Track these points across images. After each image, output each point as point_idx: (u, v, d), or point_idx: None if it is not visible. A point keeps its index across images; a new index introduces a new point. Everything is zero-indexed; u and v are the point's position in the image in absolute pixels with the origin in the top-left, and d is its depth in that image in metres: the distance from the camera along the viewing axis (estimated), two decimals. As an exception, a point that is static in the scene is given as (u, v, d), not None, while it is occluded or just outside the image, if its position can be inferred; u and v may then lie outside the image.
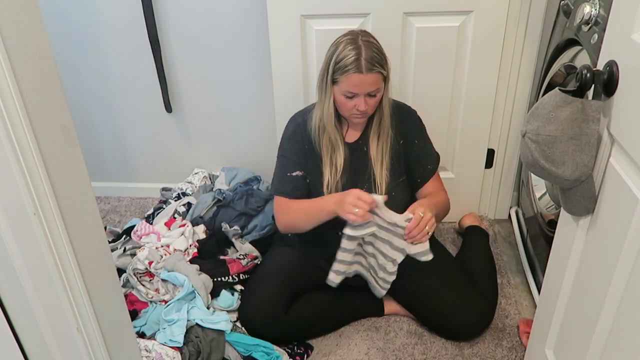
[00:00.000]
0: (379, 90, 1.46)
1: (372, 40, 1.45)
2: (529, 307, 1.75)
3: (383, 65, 1.44)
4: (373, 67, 1.41)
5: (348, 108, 1.48)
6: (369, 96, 1.45)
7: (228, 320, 1.57)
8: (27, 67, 0.81)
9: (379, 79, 1.44)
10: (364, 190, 1.55)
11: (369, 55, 1.41)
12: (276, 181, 1.64)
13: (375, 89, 1.44)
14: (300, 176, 1.60)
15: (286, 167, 1.61)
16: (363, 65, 1.40)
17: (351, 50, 1.41)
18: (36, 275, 0.88)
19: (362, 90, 1.43)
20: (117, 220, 2.27)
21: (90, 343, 1.01)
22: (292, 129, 1.61)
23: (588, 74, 0.94)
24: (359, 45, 1.41)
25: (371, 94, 1.45)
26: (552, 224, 1.51)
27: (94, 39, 2.05)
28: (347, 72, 1.41)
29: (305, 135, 1.58)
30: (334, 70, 1.44)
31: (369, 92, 1.44)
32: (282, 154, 1.63)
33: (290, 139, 1.61)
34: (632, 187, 0.89)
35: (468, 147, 1.98)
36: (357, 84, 1.42)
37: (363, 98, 1.44)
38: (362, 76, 1.41)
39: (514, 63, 1.84)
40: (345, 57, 1.41)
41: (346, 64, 1.41)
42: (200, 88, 2.12)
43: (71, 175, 0.93)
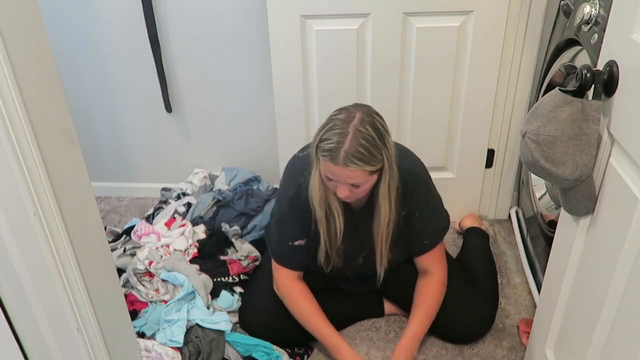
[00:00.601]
0: (363, 182, 1.29)
1: (366, 131, 1.24)
2: (529, 307, 1.75)
3: (368, 162, 1.24)
4: (350, 163, 1.23)
5: (330, 188, 1.35)
6: (353, 186, 1.29)
7: (228, 320, 1.57)
8: (27, 67, 0.81)
9: (361, 175, 1.26)
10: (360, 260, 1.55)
11: (351, 149, 1.22)
12: (275, 247, 1.53)
13: (356, 182, 1.28)
14: (302, 246, 1.49)
15: (286, 233, 1.49)
16: (340, 157, 1.23)
17: (336, 134, 1.24)
18: (36, 275, 0.88)
19: (340, 179, 1.28)
20: (117, 220, 2.27)
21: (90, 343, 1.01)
22: (293, 192, 1.45)
23: (588, 74, 0.94)
24: (346, 133, 1.23)
25: (354, 185, 1.29)
26: (552, 224, 1.51)
27: (94, 39, 2.05)
28: (324, 157, 1.26)
29: (307, 202, 1.43)
30: (317, 147, 1.28)
31: (348, 182, 1.28)
32: (282, 215, 1.49)
33: (290, 202, 1.46)
34: (632, 187, 0.89)
35: (468, 147, 1.98)
36: (333, 173, 1.27)
37: (343, 185, 1.29)
38: (337, 168, 1.25)
39: (514, 63, 1.84)
40: (326, 139, 1.25)
41: (324, 149, 1.25)
42: (200, 88, 2.12)
43: (71, 175, 0.93)
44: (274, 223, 1.53)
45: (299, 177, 1.44)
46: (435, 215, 1.54)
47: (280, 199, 1.51)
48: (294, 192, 1.45)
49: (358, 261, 1.57)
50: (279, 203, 1.51)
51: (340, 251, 1.49)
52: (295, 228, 1.48)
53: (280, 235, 1.51)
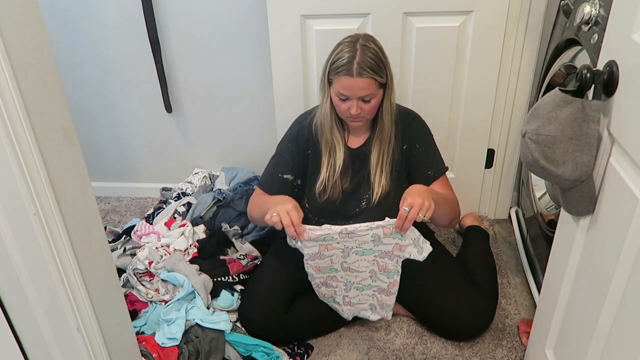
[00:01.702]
0: (373, 96, 1.43)
1: (371, 45, 1.42)
2: (529, 307, 1.75)
3: (377, 71, 1.40)
4: (363, 72, 1.38)
5: (342, 110, 1.47)
6: (363, 101, 1.43)
7: (228, 320, 1.57)
8: (27, 67, 0.81)
9: (372, 85, 1.40)
10: (365, 197, 1.58)
11: (362, 59, 1.38)
12: (265, 176, 1.65)
13: (368, 94, 1.41)
14: (289, 180, 1.61)
15: (279, 166, 1.61)
16: (354, 68, 1.38)
17: (346, 52, 1.40)
18: (36, 275, 0.88)
19: (353, 94, 1.41)
20: (117, 220, 2.27)
21: (90, 343, 1.02)
22: (296, 129, 1.60)
23: (588, 74, 0.94)
24: (356, 49, 1.39)
25: (365, 99, 1.43)
26: (552, 224, 1.51)
27: (94, 39, 2.05)
28: (338, 74, 1.40)
29: (309, 138, 1.58)
30: (329, 71, 1.43)
31: (361, 96, 1.41)
32: (279, 152, 1.63)
33: (291, 139, 1.60)
34: (632, 187, 0.89)
35: (468, 147, 1.98)
36: (348, 87, 1.40)
37: (355, 102, 1.42)
38: (352, 79, 1.39)
39: (514, 63, 1.84)
40: (339, 58, 1.40)
41: (338, 66, 1.40)
42: (200, 88, 2.12)
43: (71, 175, 0.93)
44: (272, 158, 1.65)
45: (304, 120, 1.61)
46: (435, 151, 1.62)
47: (283, 139, 1.64)
48: (297, 130, 1.61)
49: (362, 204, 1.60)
50: (281, 143, 1.64)
51: (336, 189, 1.57)
52: (289, 162, 1.60)
53: (274, 166, 1.63)
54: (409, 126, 1.58)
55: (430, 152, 1.61)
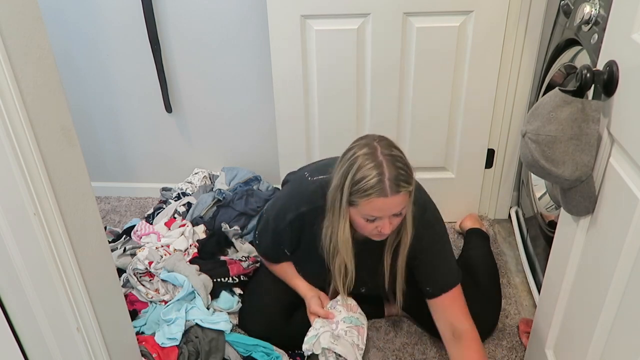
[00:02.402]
0: (406, 207, 1.28)
1: (395, 153, 1.23)
2: (529, 307, 1.75)
3: (409, 181, 1.23)
4: (400, 188, 1.21)
5: (368, 230, 1.31)
6: (394, 216, 1.27)
7: (227, 320, 1.57)
8: (27, 67, 0.81)
9: (406, 198, 1.24)
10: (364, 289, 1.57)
11: (393, 174, 1.20)
12: (265, 243, 1.58)
13: (402, 209, 1.26)
14: (286, 253, 1.56)
15: (278, 241, 1.52)
16: (387, 187, 1.20)
17: (372, 169, 1.20)
18: (36, 275, 0.88)
19: (386, 214, 1.25)
20: (117, 220, 2.27)
21: (90, 343, 1.02)
22: (292, 218, 1.44)
23: (588, 74, 0.94)
24: (380, 162, 1.20)
25: (396, 214, 1.27)
26: (552, 224, 1.51)
27: (94, 39, 2.05)
28: (368, 197, 1.21)
29: (300, 226, 1.45)
30: (351, 192, 1.24)
31: (394, 213, 1.26)
32: (277, 229, 1.49)
33: (289, 225, 1.45)
34: (632, 187, 0.89)
35: (468, 147, 1.98)
36: (381, 208, 1.23)
37: (387, 220, 1.26)
38: (386, 200, 1.21)
39: (514, 63, 1.84)
40: (364, 177, 1.20)
41: (367, 187, 1.20)
42: (200, 88, 2.12)
43: (71, 175, 0.93)
44: (268, 225, 1.53)
45: (302, 205, 1.43)
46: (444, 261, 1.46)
47: (280, 212, 1.48)
48: (294, 217, 1.43)
49: (361, 290, 1.57)
50: (278, 216, 1.48)
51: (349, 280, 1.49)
52: (285, 240, 1.51)
53: (273, 238, 1.54)
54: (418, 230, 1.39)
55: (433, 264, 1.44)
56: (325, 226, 1.38)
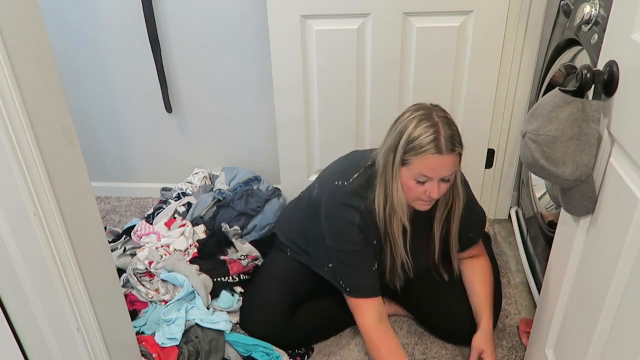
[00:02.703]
0: (456, 172, 1.30)
1: (449, 117, 1.29)
2: (529, 307, 1.75)
3: (461, 143, 1.27)
4: (454, 147, 1.24)
5: (417, 193, 1.31)
6: (443, 181, 1.28)
7: (228, 320, 1.57)
8: (27, 67, 0.81)
9: (457, 160, 1.28)
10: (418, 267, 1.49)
11: (449, 133, 1.24)
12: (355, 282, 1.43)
13: (453, 172, 1.28)
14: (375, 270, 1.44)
15: (366, 261, 1.42)
16: (443, 145, 1.22)
17: (428, 127, 1.23)
18: (36, 275, 0.88)
19: (438, 174, 1.26)
20: (117, 220, 2.27)
21: (90, 343, 1.02)
22: (360, 218, 1.38)
23: (588, 74, 0.94)
24: (436, 122, 1.24)
25: (445, 179, 1.28)
26: (552, 224, 1.51)
27: (94, 39, 2.05)
28: (423, 153, 1.23)
29: (373, 226, 1.40)
30: (406, 151, 1.25)
31: (445, 176, 1.27)
32: (355, 247, 1.40)
33: (360, 229, 1.39)
34: (632, 187, 0.89)
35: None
36: (434, 167, 1.25)
37: (437, 183, 1.27)
38: (441, 158, 1.23)
39: (514, 63, 1.84)
40: (420, 135, 1.23)
41: (422, 144, 1.23)
42: (200, 88, 2.12)
43: (71, 175, 0.93)
44: (346, 258, 1.42)
45: (358, 204, 1.39)
46: (475, 208, 1.56)
47: (343, 232, 1.40)
48: (360, 218, 1.38)
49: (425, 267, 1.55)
50: (343, 236, 1.41)
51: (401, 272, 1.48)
52: (371, 253, 1.43)
53: (360, 265, 1.42)
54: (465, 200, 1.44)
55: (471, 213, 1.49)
56: (377, 194, 1.36)
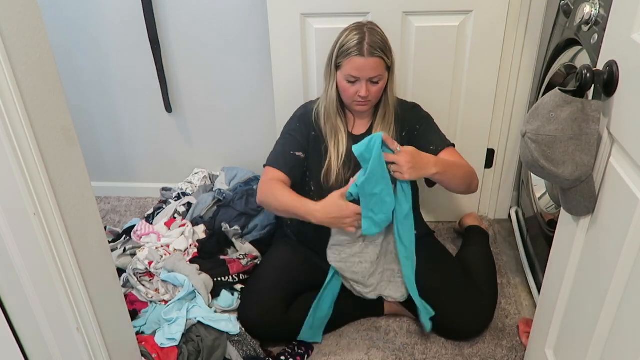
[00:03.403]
0: (381, 77, 1.49)
1: (377, 29, 1.49)
2: (529, 307, 1.75)
3: (385, 52, 1.47)
4: (374, 52, 1.44)
5: (350, 94, 1.51)
6: (371, 83, 1.48)
7: (229, 320, 1.57)
8: (27, 67, 0.81)
9: (381, 65, 1.47)
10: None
11: (372, 40, 1.45)
12: (274, 155, 1.64)
13: (377, 75, 1.47)
14: (301, 158, 1.63)
15: (290, 144, 1.63)
16: (365, 48, 1.44)
17: (355, 35, 1.46)
18: (36, 275, 0.88)
19: (364, 75, 1.46)
20: (117, 220, 2.27)
21: (90, 343, 1.02)
22: (302, 112, 1.66)
23: (588, 74, 0.94)
24: (364, 32, 1.46)
25: (373, 80, 1.48)
26: (552, 224, 1.51)
27: (94, 39, 2.05)
28: (349, 55, 1.45)
29: (313, 121, 1.62)
30: (338, 55, 1.48)
31: (370, 77, 1.47)
32: (288, 132, 1.65)
33: (299, 119, 1.65)
34: (632, 187, 0.89)
35: (468, 147, 1.98)
36: (359, 67, 1.45)
37: (364, 83, 1.47)
38: (363, 59, 1.44)
39: (514, 63, 1.84)
40: (348, 41, 1.46)
41: (349, 47, 1.45)
42: (200, 88, 2.12)
43: (71, 175, 0.93)
44: (279, 139, 1.67)
45: (310, 105, 1.66)
46: (437, 129, 1.64)
47: (290, 120, 1.67)
48: (302, 112, 1.66)
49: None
50: (288, 124, 1.67)
51: (341, 174, 1.59)
52: (299, 141, 1.63)
53: (283, 146, 1.64)
54: (408, 111, 1.64)
55: (430, 130, 1.63)
56: (321, 97, 1.61)
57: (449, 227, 2.14)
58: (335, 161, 1.59)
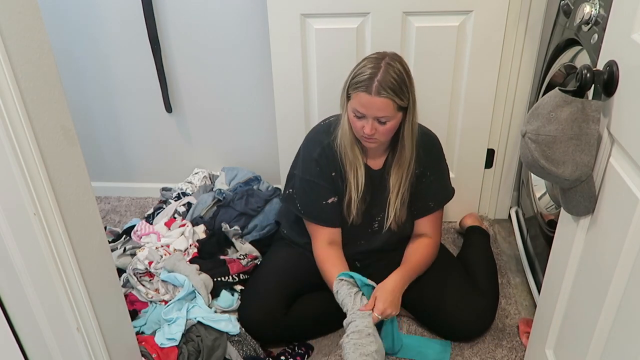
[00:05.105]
0: (390, 118, 1.38)
1: (396, 65, 1.37)
2: (529, 307, 1.75)
3: (398, 93, 1.35)
4: (382, 92, 1.34)
5: (357, 128, 1.43)
6: (379, 122, 1.39)
7: (228, 320, 1.57)
8: (27, 67, 0.81)
9: (390, 107, 1.36)
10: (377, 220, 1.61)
11: (384, 78, 1.34)
12: (308, 209, 1.58)
13: (384, 115, 1.37)
14: (335, 203, 1.56)
15: (318, 193, 1.55)
16: (374, 86, 1.34)
17: (369, 68, 1.36)
18: (36, 275, 0.88)
19: (370, 113, 1.37)
20: (117, 220, 2.27)
21: (90, 343, 1.02)
22: (319, 152, 1.53)
23: (588, 74, 0.94)
24: (380, 66, 1.35)
25: (381, 120, 1.38)
26: (552, 224, 1.51)
27: (94, 39, 2.05)
28: (357, 89, 1.36)
29: (332, 159, 1.53)
30: (349, 85, 1.39)
31: (377, 116, 1.37)
32: (310, 178, 1.55)
33: (317, 162, 1.53)
34: (632, 187, 0.89)
35: (468, 147, 1.98)
36: (364, 104, 1.36)
37: (370, 121, 1.38)
38: (369, 97, 1.34)
39: (514, 63, 1.84)
40: (361, 73, 1.36)
41: (359, 81, 1.36)
42: (200, 88, 2.12)
43: (71, 175, 0.93)
44: (300, 187, 1.58)
45: (323, 139, 1.53)
46: (445, 181, 1.64)
47: (305, 163, 1.56)
48: (319, 153, 1.53)
49: (374, 225, 1.62)
50: (304, 167, 1.56)
51: (360, 209, 1.56)
52: (326, 187, 1.55)
53: (312, 196, 1.56)
54: (426, 153, 1.55)
55: (439, 182, 1.60)
56: (339, 128, 1.50)
57: (449, 227, 2.14)
58: (355, 193, 1.53)
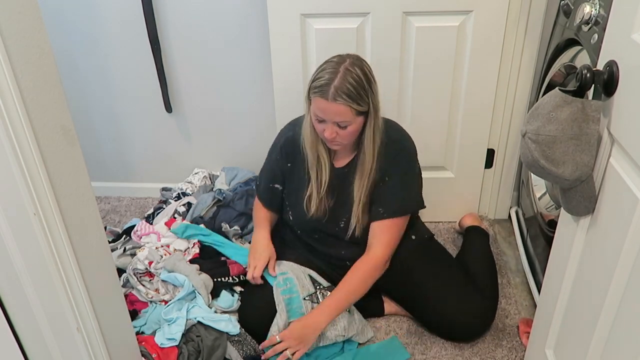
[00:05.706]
0: (349, 123, 1.37)
1: (355, 71, 1.34)
2: (529, 307, 1.75)
3: (355, 99, 1.34)
4: (338, 98, 1.32)
5: (319, 131, 1.43)
6: (339, 126, 1.38)
7: (228, 320, 1.57)
8: (27, 67, 0.81)
9: (347, 112, 1.35)
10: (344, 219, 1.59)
11: (341, 84, 1.32)
12: (262, 185, 1.71)
13: (342, 120, 1.36)
14: (278, 190, 1.67)
15: (271, 176, 1.67)
16: (330, 92, 1.32)
17: (327, 72, 1.34)
18: (36, 275, 0.88)
19: (328, 118, 1.37)
20: (117, 220, 2.27)
21: (90, 343, 1.02)
22: (282, 142, 1.61)
23: (588, 74, 0.94)
24: (337, 71, 1.33)
25: (340, 125, 1.38)
26: (552, 224, 1.51)
27: (94, 39, 2.05)
28: (315, 94, 1.36)
29: (291, 151, 1.58)
30: (309, 88, 1.38)
31: (336, 121, 1.37)
32: (270, 162, 1.67)
33: (280, 151, 1.62)
34: (632, 187, 0.89)
35: (468, 147, 1.98)
36: (322, 110, 1.36)
37: (330, 125, 1.38)
38: (326, 103, 1.34)
39: (514, 63, 1.84)
40: (319, 78, 1.35)
41: (316, 85, 1.35)
42: (200, 88, 2.12)
43: (71, 175, 0.94)
44: (266, 167, 1.70)
45: (288, 131, 1.61)
46: (406, 192, 1.55)
47: (272, 147, 1.66)
48: (283, 143, 1.61)
49: (340, 224, 1.60)
50: (271, 149, 1.67)
51: (324, 204, 1.57)
52: (278, 174, 1.64)
53: (267, 177, 1.68)
54: (391, 158, 1.51)
55: (396, 190, 1.53)
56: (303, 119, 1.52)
57: (449, 227, 2.14)
58: (316, 190, 1.54)
